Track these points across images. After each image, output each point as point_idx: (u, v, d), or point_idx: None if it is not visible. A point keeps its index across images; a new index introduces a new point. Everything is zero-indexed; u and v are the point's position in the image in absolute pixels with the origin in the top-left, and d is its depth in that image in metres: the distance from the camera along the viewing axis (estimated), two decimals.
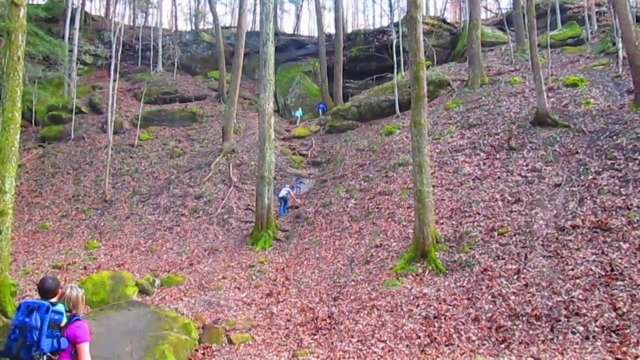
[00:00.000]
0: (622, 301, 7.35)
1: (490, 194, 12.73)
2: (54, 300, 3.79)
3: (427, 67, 22.78)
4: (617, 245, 8.90)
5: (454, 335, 7.81)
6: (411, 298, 9.34)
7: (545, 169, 12.84)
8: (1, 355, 3.64)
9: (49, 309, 3.65)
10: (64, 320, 3.70)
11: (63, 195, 21.02)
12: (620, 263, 8.32)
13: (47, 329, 3.59)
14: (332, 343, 8.32)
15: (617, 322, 6.97)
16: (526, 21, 18.62)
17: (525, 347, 7.08)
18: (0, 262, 8.88)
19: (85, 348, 3.74)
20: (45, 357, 3.58)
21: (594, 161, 12.17)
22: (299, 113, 30.98)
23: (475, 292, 8.97)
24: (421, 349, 7.62)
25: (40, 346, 3.55)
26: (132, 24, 42.18)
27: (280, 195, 18.26)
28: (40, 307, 3.65)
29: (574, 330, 7.11)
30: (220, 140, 24.45)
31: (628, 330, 6.74)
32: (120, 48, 25.19)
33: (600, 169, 11.71)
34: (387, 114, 23.85)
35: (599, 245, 9.10)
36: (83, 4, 38.42)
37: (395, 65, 24.74)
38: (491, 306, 8.36)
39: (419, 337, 7.97)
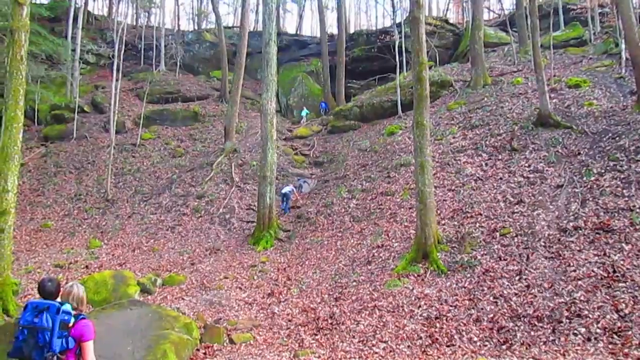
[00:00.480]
0: (624, 303, 7.33)
1: (492, 195, 12.72)
2: (58, 300, 3.80)
3: (430, 68, 22.80)
4: (619, 246, 8.88)
5: (455, 336, 7.80)
6: (413, 299, 9.34)
7: (547, 170, 12.83)
8: (10, 356, 3.63)
9: (60, 310, 3.65)
10: (72, 320, 3.71)
11: (65, 194, 21.07)
12: (622, 264, 8.30)
13: (58, 330, 3.60)
14: (333, 343, 8.32)
15: (619, 324, 6.95)
16: (529, 22, 18.58)
17: (526, 348, 7.07)
18: (3, 261, 8.92)
19: (90, 346, 3.76)
20: (56, 357, 3.59)
21: (596, 162, 12.15)
22: (304, 112, 30.92)
23: (476, 293, 8.96)
24: (422, 349, 7.62)
25: (52, 347, 3.56)
26: (134, 23, 42.20)
27: (283, 191, 18.28)
28: (50, 307, 3.64)
29: (575, 331, 7.10)
30: (222, 140, 24.48)
31: (630, 332, 6.72)
32: (123, 47, 25.18)
33: (603, 171, 11.68)
34: (389, 114, 23.85)
35: (601, 246, 9.08)
36: (86, 4, 38.52)
37: (398, 66, 24.75)
38: (493, 307, 8.35)
39: (421, 338, 7.97)
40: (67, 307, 3.71)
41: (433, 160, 14.53)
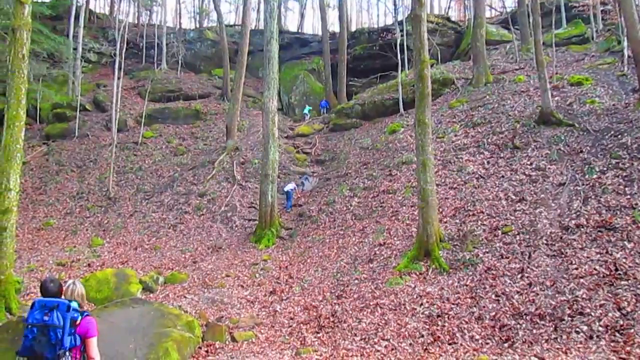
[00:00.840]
0: (626, 301, 7.32)
1: (494, 193, 12.70)
2: (63, 298, 3.83)
3: (432, 66, 22.77)
4: (621, 244, 8.86)
5: (457, 334, 7.80)
6: (415, 297, 9.34)
7: (549, 168, 12.79)
8: (20, 355, 3.66)
9: (70, 308, 3.70)
10: (79, 317, 3.76)
11: (67, 192, 21.11)
12: (624, 262, 8.28)
13: (68, 327, 3.64)
14: (335, 341, 8.33)
15: (621, 322, 6.94)
16: (531, 19, 18.49)
17: (528, 346, 7.07)
18: (5, 259, 8.94)
19: (94, 342, 3.84)
20: (67, 353, 3.63)
21: (598, 160, 12.11)
22: (307, 109, 30.93)
23: (478, 291, 8.96)
24: (424, 347, 7.62)
25: (63, 344, 3.61)
26: (136, 21, 42.20)
27: (286, 189, 18.31)
28: (60, 305, 3.68)
29: (577, 329, 7.09)
30: (224, 138, 24.49)
31: (632, 330, 6.71)
32: (125, 46, 25.18)
33: (605, 168, 11.65)
34: (391, 112, 23.82)
35: (603, 244, 9.06)
36: (87, 2, 38.51)
37: (400, 64, 24.69)
38: (495, 305, 8.34)
39: (422, 336, 7.97)
40: (74, 304, 3.78)
41: (435, 158, 14.52)
